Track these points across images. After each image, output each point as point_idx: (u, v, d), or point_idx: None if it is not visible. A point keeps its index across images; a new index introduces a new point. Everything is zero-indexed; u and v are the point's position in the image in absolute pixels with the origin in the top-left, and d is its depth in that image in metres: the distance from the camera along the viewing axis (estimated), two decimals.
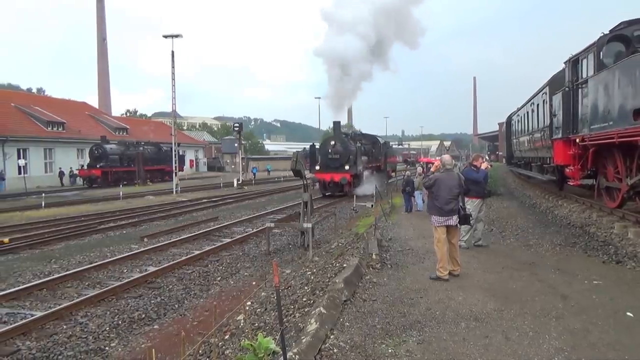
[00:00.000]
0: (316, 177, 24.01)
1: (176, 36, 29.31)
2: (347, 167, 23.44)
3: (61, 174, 37.46)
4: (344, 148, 23.89)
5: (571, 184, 12.84)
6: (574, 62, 12.06)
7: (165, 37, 29.33)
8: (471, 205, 8.73)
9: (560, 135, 12.82)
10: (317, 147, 26.01)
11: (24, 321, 6.56)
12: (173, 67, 29.74)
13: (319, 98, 61.46)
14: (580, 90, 11.54)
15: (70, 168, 38.76)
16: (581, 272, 7.31)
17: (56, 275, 8.98)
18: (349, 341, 4.79)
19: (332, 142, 24.09)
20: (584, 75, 11.30)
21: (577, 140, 11.34)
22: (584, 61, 11.35)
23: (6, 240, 12.81)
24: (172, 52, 29.67)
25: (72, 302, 7.36)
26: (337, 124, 25.05)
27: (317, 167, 24.31)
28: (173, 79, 29.89)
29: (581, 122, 11.31)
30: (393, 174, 37.02)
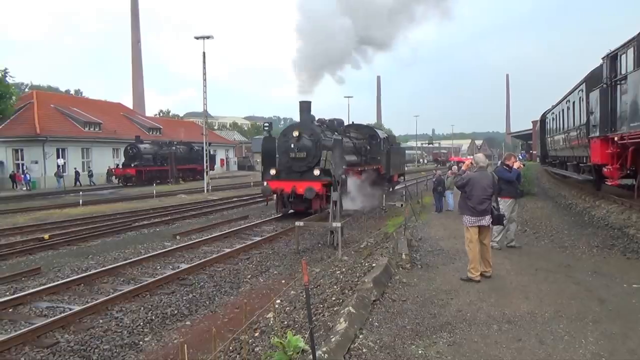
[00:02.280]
0: (269, 188, 16.21)
1: (207, 37, 29.76)
2: (317, 172, 15.60)
3: (77, 174, 37.39)
4: (313, 142, 16.07)
5: (609, 183, 12.40)
6: (612, 58, 11.66)
7: (197, 38, 29.82)
8: (504, 205, 8.56)
9: (597, 134, 12.41)
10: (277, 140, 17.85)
11: (62, 315, 6.80)
12: (204, 68, 30.22)
13: (350, 97, 61.57)
14: (618, 86, 11.14)
15: (59, 168, 38.21)
16: (620, 275, 7.07)
17: (93, 271, 9.26)
18: (378, 341, 4.78)
19: (296, 134, 16.05)
20: (623, 71, 10.90)
21: (616, 138, 10.95)
22: (623, 57, 10.95)
23: (46, 236, 13.31)
24: (204, 53, 30.17)
25: (108, 297, 7.59)
26: (304, 105, 16.68)
27: (272, 172, 16.45)
28: (204, 80, 30.38)
29: (620, 119, 10.92)
30: (401, 178, 28.47)
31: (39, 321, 6.64)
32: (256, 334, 5.66)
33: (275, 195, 16.45)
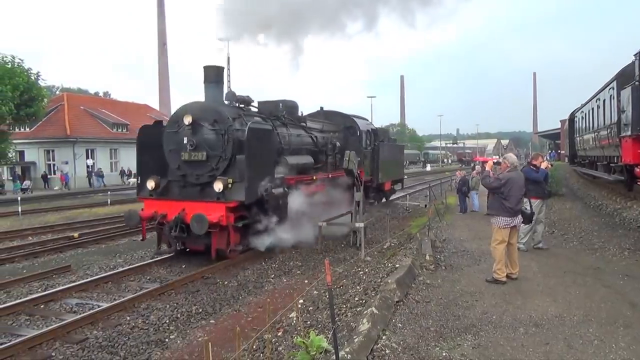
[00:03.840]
0: (136, 214, 10.08)
1: (230, 39, 30.11)
2: (218, 187, 9.39)
3: (90, 174, 37.25)
4: (218, 134, 9.87)
5: None
6: None
7: (221, 40, 30.19)
8: (531, 206, 8.41)
9: (629, 133, 12.06)
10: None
11: (91, 311, 6.97)
12: (229, 69, 30.58)
13: (373, 97, 61.57)
14: None
15: (100, 169, 38.38)
16: None
17: (120, 269, 9.46)
18: (401, 342, 4.75)
19: (188, 120, 9.82)
20: None
21: None
22: None
23: (76, 235, 13.68)
24: (228, 55, 30.52)
25: (135, 295, 7.73)
26: (211, 73, 10.51)
27: (150, 185, 10.25)
28: (229, 82, 30.75)
29: None
30: (398, 186, 21.36)
31: (69, 317, 6.82)
32: (279, 334, 5.70)
33: (156, 222, 9.90)
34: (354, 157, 13.89)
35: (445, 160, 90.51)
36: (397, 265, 7.38)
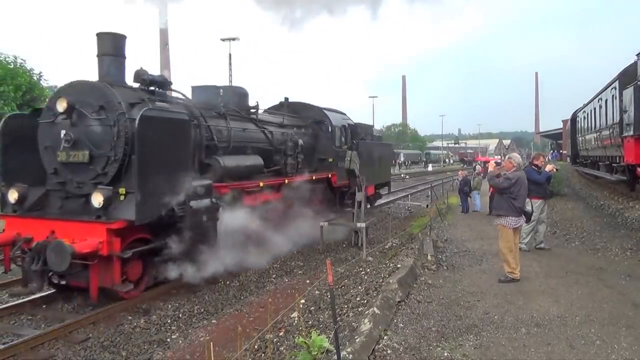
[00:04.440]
0: None
1: (233, 39, 30.12)
2: (97, 202, 6.59)
3: None
4: (106, 125, 7.07)
5: None
6: None
7: (223, 40, 30.22)
8: (532, 206, 8.42)
9: (631, 133, 12.05)
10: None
11: (93, 311, 6.98)
12: (230, 69, 30.61)
13: (375, 97, 61.60)
14: None
15: None
16: None
17: None
18: (403, 342, 4.75)
19: (62, 106, 7.01)
20: None
21: None
22: None
23: None
24: (230, 55, 30.55)
25: (137, 295, 7.73)
26: (106, 43, 7.70)
27: (13, 196, 7.39)
28: (230, 82, 30.73)
29: None
30: (384, 190, 18.47)
31: (70, 317, 6.82)
32: (281, 334, 5.70)
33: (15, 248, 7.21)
34: (356, 158, 13.84)
35: (447, 160, 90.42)
36: (398, 266, 7.38)
